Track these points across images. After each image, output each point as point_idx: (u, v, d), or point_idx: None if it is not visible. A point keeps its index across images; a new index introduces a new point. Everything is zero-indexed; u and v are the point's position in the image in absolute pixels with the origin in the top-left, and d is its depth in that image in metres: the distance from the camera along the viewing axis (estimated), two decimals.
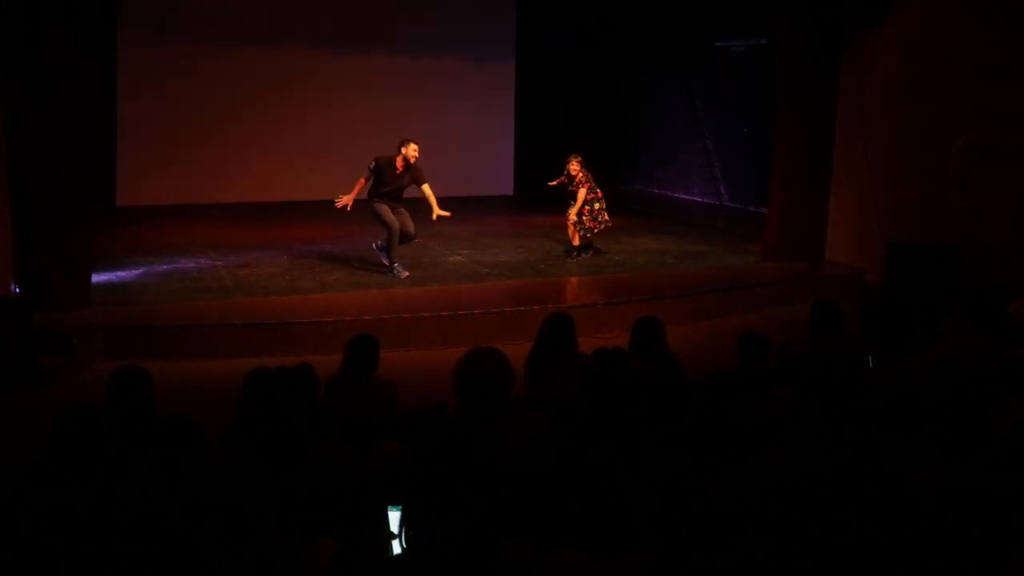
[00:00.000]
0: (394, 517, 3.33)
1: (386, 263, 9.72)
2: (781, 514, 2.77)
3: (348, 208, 9.65)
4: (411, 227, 9.69)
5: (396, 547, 3.25)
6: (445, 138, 14.97)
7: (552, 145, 11.41)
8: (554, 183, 10.84)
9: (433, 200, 9.67)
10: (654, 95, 16.67)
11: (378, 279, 9.55)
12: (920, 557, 2.72)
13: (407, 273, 9.64)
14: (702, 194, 15.93)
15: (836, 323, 5.38)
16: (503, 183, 16.16)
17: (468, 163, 15.48)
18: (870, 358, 4.71)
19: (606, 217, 10.73)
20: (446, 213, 9.78)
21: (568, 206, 10.65)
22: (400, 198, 9.71)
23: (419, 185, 9.68)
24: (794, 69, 10.61)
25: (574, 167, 10.50)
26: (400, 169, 9.52)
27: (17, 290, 7.83)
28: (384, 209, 9.55)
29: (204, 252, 10.55)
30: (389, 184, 9.54)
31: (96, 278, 8.62)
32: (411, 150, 9.50)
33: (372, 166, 9.54)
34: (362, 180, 9.58)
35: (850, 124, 10.55)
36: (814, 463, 3.04)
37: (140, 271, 9.56)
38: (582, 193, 10.43)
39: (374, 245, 10.00)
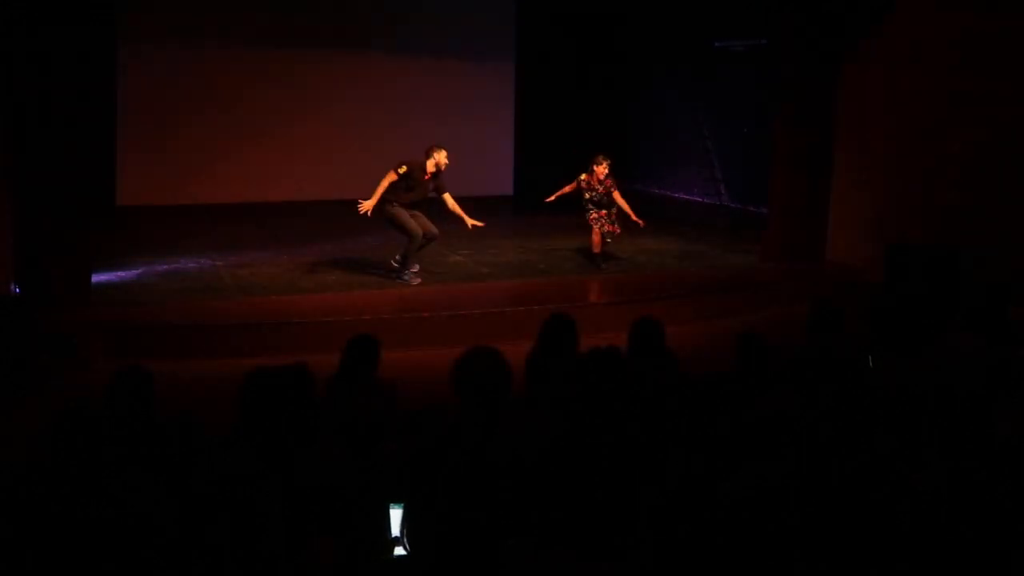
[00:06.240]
0: (395, 517, 3.33)
1: (403, 276, 9.27)
2: (781, 515, 2.77)
3: (369, 214, 9.02)
4: (432, 227, 9.27)
5: (397, 547, 3.26)
6: (445, 138, 14.80)
7: (552, 145, 11.33)
8: (553, 198, 10.20)
9: (460, 210, 9.28)
10: (654, 95, 16.64)
11: (378, 279, 9.54)
12: (920, 557, 2.72)
13: (419, 280, 9.30)
14: (702, 194, 15.90)
15: (836, 323, 5.37)
16: (503, 183, 16.12)
17: (468, 163, 15.38)
18: (870, 358, 4.71)
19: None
20: (480, 223, 9.34)
21: (586, 211, 10.03)
22: (419, 205, 9.26)
23: (440, 194, 9.28)
24: (794, 69, 10.62)
25: (604, 168, 9.87)
26: (428, 175, 9.16)
27: (17, 290, 7.83)
28: (403, 215, 9.11)
29: (204, 252, 10.52)
30: (414, 191, 9.13)
31: (96, 278, 8.61)
32: (443, 156, 9.14)
33: (403, 171, 9.01)
34: (388, 181, 9.01)
35: (850, 124, 10.55)
36: (814, 463, 3.04)
37: (140, 271, 9.53)
38: (618, 196, 10.00)
39: (392, 262, 9.43)
